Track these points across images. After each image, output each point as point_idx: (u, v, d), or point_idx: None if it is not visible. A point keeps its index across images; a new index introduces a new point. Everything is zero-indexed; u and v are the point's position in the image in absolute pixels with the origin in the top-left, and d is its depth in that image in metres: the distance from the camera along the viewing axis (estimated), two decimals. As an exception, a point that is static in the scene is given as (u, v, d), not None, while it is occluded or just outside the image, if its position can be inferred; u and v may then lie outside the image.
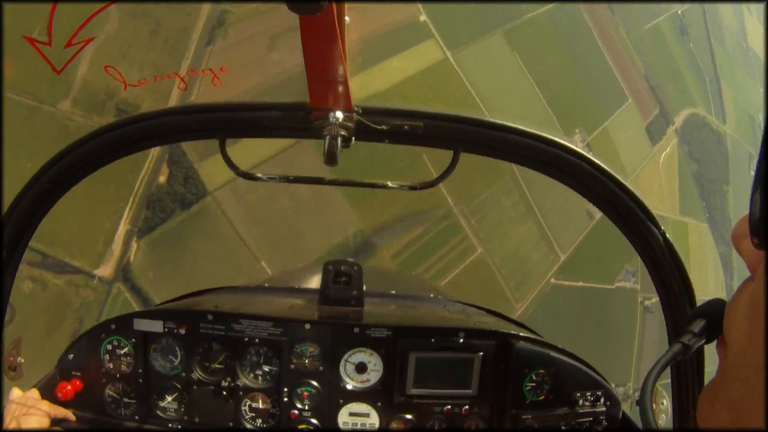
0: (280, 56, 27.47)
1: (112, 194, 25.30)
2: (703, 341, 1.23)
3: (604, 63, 34.74)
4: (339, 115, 1.93)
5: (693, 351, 1.20)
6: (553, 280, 29.08)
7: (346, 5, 1.64)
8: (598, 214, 32.00)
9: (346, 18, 1.65)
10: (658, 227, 2.17)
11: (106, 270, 23.86)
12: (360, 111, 1.99)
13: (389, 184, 2.35)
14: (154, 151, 26.69)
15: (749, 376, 0.76)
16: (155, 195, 25.59)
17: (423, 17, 29.73)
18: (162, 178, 26.16)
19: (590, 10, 35.90)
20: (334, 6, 1.50)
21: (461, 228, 27.21)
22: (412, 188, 2.35)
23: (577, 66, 33.70)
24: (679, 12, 43.25)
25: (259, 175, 2.29)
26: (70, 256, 23.40)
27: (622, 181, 2.13)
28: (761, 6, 53.07)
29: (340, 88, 1.87)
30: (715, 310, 1.21)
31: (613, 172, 2.13)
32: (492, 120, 2.09)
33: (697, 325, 1.23)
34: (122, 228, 24.27)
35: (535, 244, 29.32)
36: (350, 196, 25.62)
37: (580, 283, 29.72)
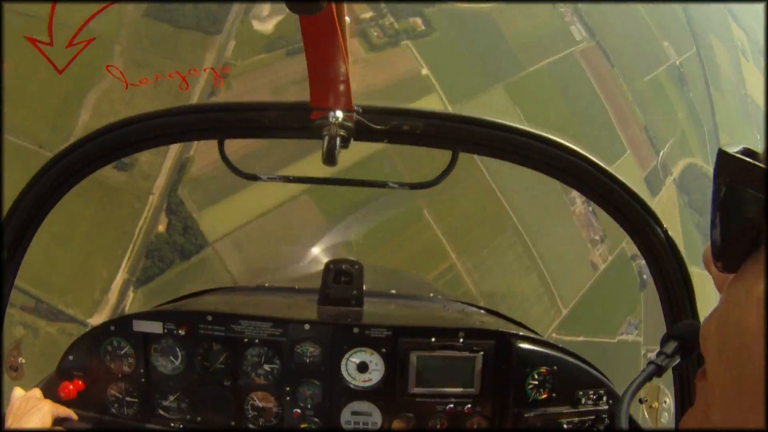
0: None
1: (111, 241, 25.09)
2: (677, 361, 1.35)
3: (604, 115, 35.12)
4: (339, 114, 1.92)
5: (666, 371, 1.31)
6: (554, 335, 28.66)
7: (346, 5, 1.65)
8: (602, 265, 32.02)
9: (346, 18, 1.66)
10: (660, 224, 2.14)
11: (99, 319, 23.43)
12: (360, 110, 1.98)
13: (389, 183, 2.34)
14: (153, 200, 26.61)
15: (723, 397, 0.75)
16: (154, 244, 25.34)
17: (425, 71, 30.16)
18: (161, 227, 25.97)
19: (590, 64, 36.53)
20: (334, 6, 1.51)
21: (463, 282, 26.96)
22: (413, 187, 2.34)
23: (577, 119, 34.05)
24: (678, 63, 43.96)
25: (259, 175, 2.27)
26: (65, 304, 23.02)
27: (623, 180, 2.12)
28: (757, 56, 54.26)
29: (341, 87, 1.87)
30: (688, 332, 1.35)
31: (613, 172, 2.12)
32: (491, 119, 2.09)
33: (670, 347, 1.35)
34: (120, 277, 23.96)
35: (537, 298, 29.01)
36: (356, 250, 25.39)
37: (581, 338, 29.27)
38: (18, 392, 2.35)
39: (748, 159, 0.67)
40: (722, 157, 0.71)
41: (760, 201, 0.67)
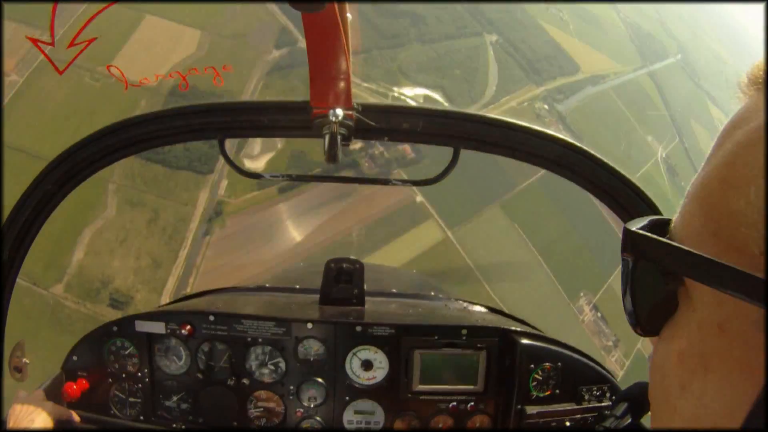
0: (276, 245, 27.62)
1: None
2: (627, 422, 1.42)
3: (601, 221, 35.21)
4: (339, 112, 1.89)
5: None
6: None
7: (348, 4, 1.65)
8: (621, 372, 30.97)
9: (348, 15, 1.66)
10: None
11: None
12: (360, 109, 1.97)
13: (392, 180, 2.44)
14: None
15: None
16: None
17: (419, 198, 30.39)
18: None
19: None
20: (336, 4, 1.52)
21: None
22: (415, 184, 2.41)
23: (576, 228, 34.13)
24: (664, 155, 44.97)
25: (262, 173, 2.36)
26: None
27: (624, 174, 2.10)
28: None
29: (342, 85, 1.86)
30: (637, 393, 1.47)
31: (614, 165, 2.09)
32: (491, 116, 2.08)
33: (620, 409, 1.46)
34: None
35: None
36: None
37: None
38: (21, 394, 2.30)
39: (649, 234, 0.72)
40: (626, 233, 0.75)
41: (667, 272, 0.72)
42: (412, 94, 36.16)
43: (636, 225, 0.75)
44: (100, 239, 27.62)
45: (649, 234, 0.71)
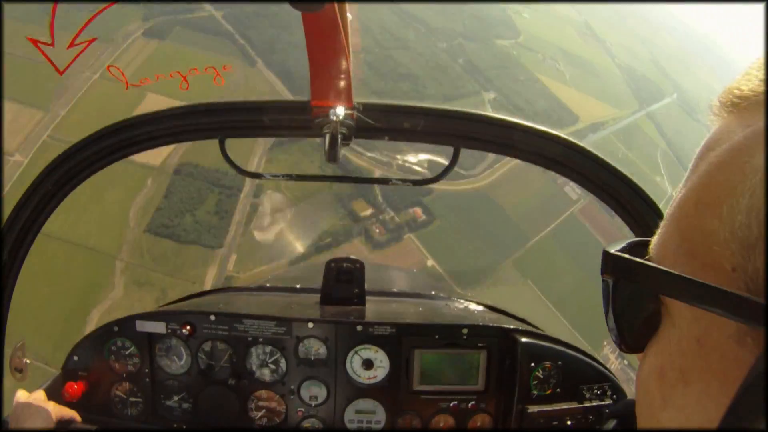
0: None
1: None
2: None
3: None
4: (340, 111, 1.88)
5: None
6: None
7: (347, 4, 1.65)
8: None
9: (348, 15, 1.66)
10: (661, 217, 1.65)
11: None
12: (360, 108, 1.96)
13: (393, 179, 2.43)
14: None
15: None
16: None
17: (430, 261, 30.14)
18: None
19: (591, 220, 36.96)
20: (336, 4, 1.53)
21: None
22: (416, 183, 2.41)
23: (590, 276, 33.68)
24: (674, 193, 44.93)
25: (263, 173, 2.40)
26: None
27: (624, 172, 2.10)
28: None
29: (342, 84, 1.86)
30: (626, 410, 1.54)
31: (615, 165, 2.08)
32: (492, 115, 2.08)
33: (609, 425, 1.48)
34: None
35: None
36: None
37: None
38: (22, 394, 2.29)
39: (627, 255, 0.73)
40: (606, 256, 0.76)
41: (646, 292, 0.74)
42: (416, 161, 36.42)
43: (615, 247, 0.76)
44: (108, 320, 27.39)
45: (627, 255, 0.73)
